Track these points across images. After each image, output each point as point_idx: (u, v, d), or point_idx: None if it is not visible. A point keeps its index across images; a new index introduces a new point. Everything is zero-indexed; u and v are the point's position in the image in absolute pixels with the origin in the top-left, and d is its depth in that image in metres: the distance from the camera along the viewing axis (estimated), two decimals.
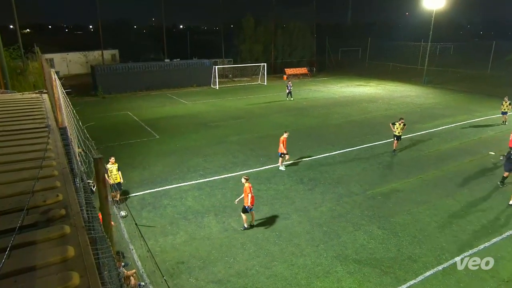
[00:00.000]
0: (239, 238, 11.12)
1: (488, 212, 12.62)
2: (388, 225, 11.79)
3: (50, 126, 5.24)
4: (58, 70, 43.05)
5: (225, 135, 21.74)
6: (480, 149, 19.17)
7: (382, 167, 16.74)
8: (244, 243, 10.84)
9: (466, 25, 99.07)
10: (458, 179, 15.36)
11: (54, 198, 3.04)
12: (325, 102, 32.17)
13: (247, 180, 11.50)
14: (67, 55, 51.92)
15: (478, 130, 22.84)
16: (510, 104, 23.23)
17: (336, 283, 9.15)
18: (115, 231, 8.39)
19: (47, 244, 2.46)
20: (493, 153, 18.42)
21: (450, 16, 69.88)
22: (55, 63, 48.27)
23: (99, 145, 13.86)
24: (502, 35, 77.37)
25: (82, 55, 52.01)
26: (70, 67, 51.21)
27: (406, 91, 37.94)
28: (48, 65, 14.83)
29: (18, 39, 29.57)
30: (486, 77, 41.16)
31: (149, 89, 38.37)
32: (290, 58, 53.45)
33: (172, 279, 9.25)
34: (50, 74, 7.65)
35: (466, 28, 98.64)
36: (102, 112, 28.43)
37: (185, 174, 15.81)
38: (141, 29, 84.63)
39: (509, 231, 11.44)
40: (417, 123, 24.44)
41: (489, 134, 22.03)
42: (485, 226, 11.74)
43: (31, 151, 4.21)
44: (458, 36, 78.95)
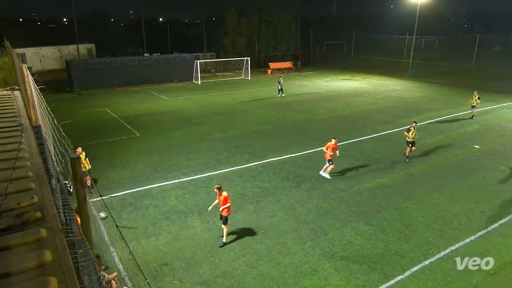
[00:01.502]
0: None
1: (474, 206, 12.97)
2: (375, 221, 12.00)
3: (23, 124, 5.12)
4: (30, 65, 41.92)
5: (208, 132, 21.65)
6: (466, 142, 19.68)
7: (368, 163, 16.99)
8: (230, 243, 10.85)
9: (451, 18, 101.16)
10: (444, 173, 15.74)
11: (29, 200, 2.98)
12: (310, 97, 32.39)
13: (219, 189, 10.61)
14: (40, 49, 50.67)
15: (463, 124, 23.42)
16: (479, 98, 23.81)
17: (324, 280, 9.27)
18: (94, 234, 8.28)
19: (22, 248, 2.41)
20: (478, 146, 18.94)
21: (435, 9, 71.22)
22: (27, 58, 47.04)
23: (76, 144, 13.62)
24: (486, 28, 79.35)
25: (56, 50, 50.87)
26: (44, 62, 50.01)
27: (391, 85, 38.56)
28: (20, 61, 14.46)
29: None
30: (471, 70, 42.25)
31: (128, 85, 37.83)
32: (274, 52, 53.56)
33: (156, 281, 9.20)
34: (22, 70, 7.47)
35: (450, 21, 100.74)
36: (78, 109, 27.92)
37: (167, 173, 15.69)
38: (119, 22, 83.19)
39: (494, 224, 11.80)
40: (402, 117, 24.88)
41: (474, 127, 22.63)
42: (471, 220, 12.08)
43: (3, 151, 4.12)
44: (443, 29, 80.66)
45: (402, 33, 49.98)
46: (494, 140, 20.14)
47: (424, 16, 46.68)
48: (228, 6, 50.64)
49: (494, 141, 19.98)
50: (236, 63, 46.57)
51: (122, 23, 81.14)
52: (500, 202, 13.22)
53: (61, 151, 6.87)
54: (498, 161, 17.05)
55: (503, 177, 15.34)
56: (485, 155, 17.93)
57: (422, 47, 50.35)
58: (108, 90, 35.99)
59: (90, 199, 12.47)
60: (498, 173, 15.71)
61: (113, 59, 38.96)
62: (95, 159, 14.01)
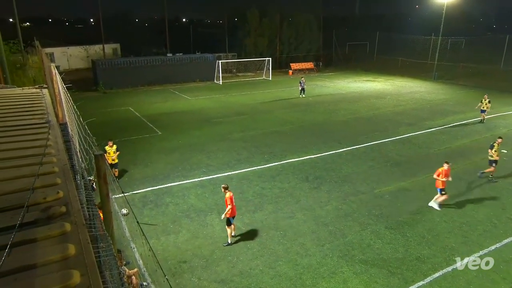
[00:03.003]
0: (243, 237, 11.14)
1: (500, 213, 12.54)
2: (395, 225, 11.76)
3: (50, 121, 5.27)
4: (58, 64, 43.19)
5: (229, 132, 21.75)
6: None
7: (389, 165, 16.67)
8: (248, 242, 10.86)
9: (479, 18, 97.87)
10: (469, 178, 15.27)
11: (55, 195, 3.06)
12: (332, 98, 32.05)
13: (225, 189, 10.72)
14: (68, 49, 52.15)
15: (489, 127, 22.66)
16: (489, 102, 22.98)
17: (342, 283, 9.15)
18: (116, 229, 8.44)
19: (47, 241, 2.47)
20: (506, 151, 18.26)
21: (462, 9, 69.06)
22: (55, 57, 48.48)
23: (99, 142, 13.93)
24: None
25: (83, 49, 52.18)
26: (71, 62, 51.42)
27: (415, 87, 37.69)
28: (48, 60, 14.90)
29: (18, 32, 29.72)
30: (499, 72, 40.77)
31: (151, 84, 38.45)
32: (296, 52, 53.23)
33: (174, 278, 9.30)
34: (50, 69, 7.69)
35: (478, 22, 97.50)
36: (103, 107, 28.55)
37: (188, 172, 15.85)
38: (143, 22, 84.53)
39: None
40: (427, 120, 24.30)
41: (502, 131, 21.82)
42: (496, 226, 11.67)
43: (31, 147, 4.24)
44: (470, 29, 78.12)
45: (428, 33, 48.72)
46: None
47: (450, 16, 45.34)
48: (250, 6, 50.73)
49: None
50: (257, 64, 46.56)
51: (147, 23, 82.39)
52: None
53: (85, 148, 7.05)
54: None
55: None
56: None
57: (448, 48, 48.92)
58: (132, 89, 36.66)
59: (113, 195, 12.72)
60: None
61: (137, 58, 39.67)
62: (118, 156, 14.37)
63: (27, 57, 30.08)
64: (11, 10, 31.06)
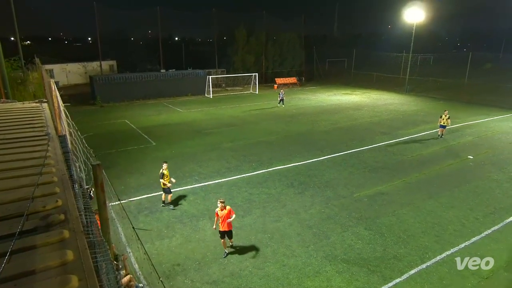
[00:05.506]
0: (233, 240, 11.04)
1: (468, 213, 12.75)
2: (374, 226, 11.84)
3: (49, 134, 5.19)
4: (58, 80, 42.68)
5: (219, 142, 21.70)
6: (460, 153, 19.42)
7: (367, 171, 16.84)
8: (238, 245, 10.78)
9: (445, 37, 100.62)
10: (439, 182, 15.53)
11: (54, 203, 3.00)
12: (314, 110, 32.35)
13: (223, 203, 10.19)
14: (67, 65, 51.51)
15: (457, 136, 23.15)
16: (449, 118, 21.79)
17: (326, 282, 9.14)
18: (113, 235, 8.29)
19: (46, 248, 2.42)
20: (471, 157, 18.68)
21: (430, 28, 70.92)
22: (55, 73, 47.86)
23: (97, 152, 13.74)
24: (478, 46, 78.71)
25: (81, 66, 51.66)
26: (70, 77, 50.82)
27: (389, 99, 38.37)
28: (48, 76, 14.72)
29: (19, 50, 29.24)
30: (464, 85, 41.82)
31: (145, 98, 38.20)
32: (280, 68, 53.78)
33: (169, 280, 9.15)
34: (49, 84, 7.59)
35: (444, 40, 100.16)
36: (100, 120, 28.21)
37: (181, 180, 15.71)
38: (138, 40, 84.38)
39: (487, 230, 11.57)
40: (400, 129, 24.70)
41: (468, 139, 22.36)
42: (465, 226, 11.86)
43: (31, 158, 4.16)
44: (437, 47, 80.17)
45: (399, 51, 49.78)
46: (486, 151, 19.85)
47: (419, 35, 46.42)
48: (238, 26, 51.12)
49: (486, 152, 19.70)
50: (245, 79, 46.89)
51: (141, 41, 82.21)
52: (493, 209, 12.99)
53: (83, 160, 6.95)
54: (491, 171, 16.78)
55: (496, 186, 15.08)
56: (478, 165, 17.66)
57: (418, 64, 49.93)
58: (128, 103, 36.36)
59: (109, 203, 12.53)
60: (490, 182, 15.45)
61: (133, 74, 39.43)
62: (114, 166, 14.14)
63: (28, 73, 29.58)
64: (13, 29, 30.61)
